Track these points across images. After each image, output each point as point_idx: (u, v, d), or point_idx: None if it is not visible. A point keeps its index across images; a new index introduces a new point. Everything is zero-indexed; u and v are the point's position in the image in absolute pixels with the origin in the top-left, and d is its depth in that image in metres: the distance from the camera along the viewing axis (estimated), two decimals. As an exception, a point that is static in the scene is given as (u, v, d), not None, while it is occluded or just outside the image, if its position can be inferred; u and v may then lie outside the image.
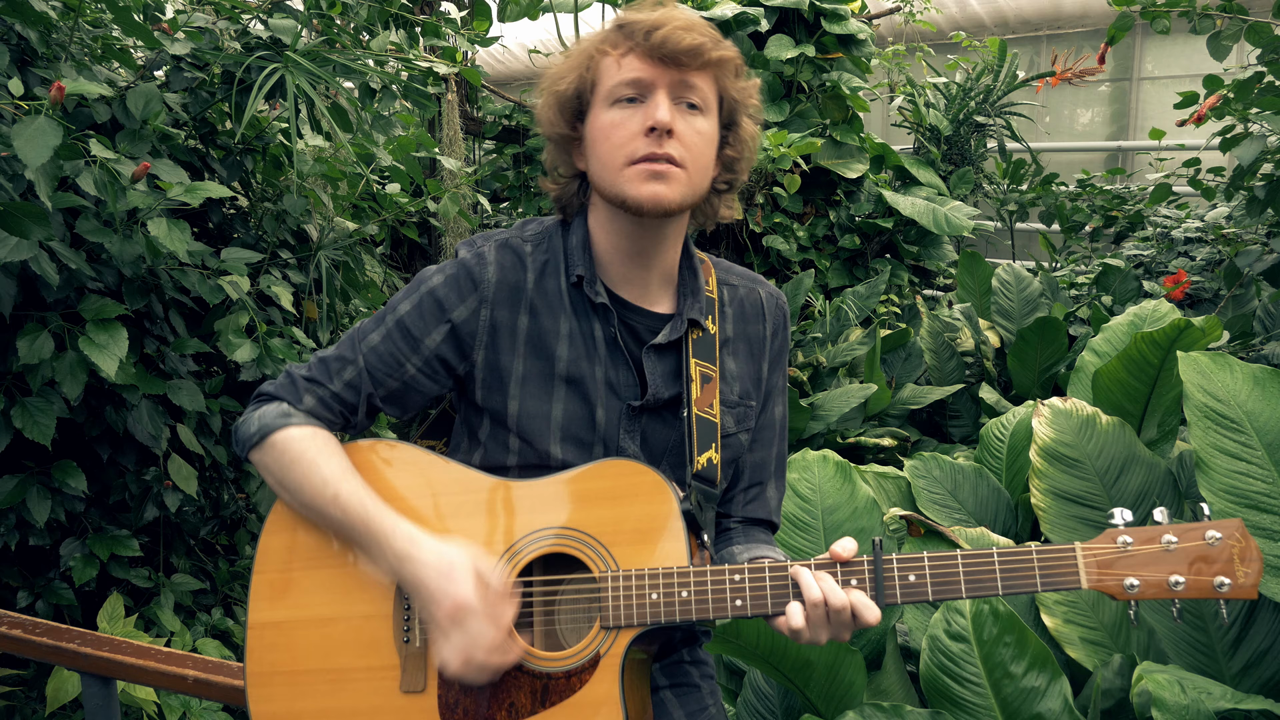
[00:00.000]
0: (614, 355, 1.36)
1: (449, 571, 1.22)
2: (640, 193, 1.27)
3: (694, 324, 1.39)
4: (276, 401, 1.38)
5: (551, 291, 1.37)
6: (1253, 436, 1.89)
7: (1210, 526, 1.17)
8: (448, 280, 1.37)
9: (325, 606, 1.33)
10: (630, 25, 1.28)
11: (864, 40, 5.81)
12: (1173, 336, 2.35)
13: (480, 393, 1.37)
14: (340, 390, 1.37)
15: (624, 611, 1.25)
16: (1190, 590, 1.16)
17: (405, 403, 1.40)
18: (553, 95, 1.34)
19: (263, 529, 1.37)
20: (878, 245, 5.99)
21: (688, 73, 1.27)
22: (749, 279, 1.50)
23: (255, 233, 3.00)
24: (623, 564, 1.26)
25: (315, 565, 1.35)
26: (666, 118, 1.26)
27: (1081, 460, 2.24)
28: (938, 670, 1.85)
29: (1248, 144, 3.09)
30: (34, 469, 2.46)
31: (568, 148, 1.37)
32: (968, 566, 1.20)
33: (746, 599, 1.23)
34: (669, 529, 1.26)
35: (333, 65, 2.61)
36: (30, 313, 2.28)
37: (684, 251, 1.43)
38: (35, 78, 2.28)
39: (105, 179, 2.05)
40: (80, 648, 1.76)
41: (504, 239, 1.40)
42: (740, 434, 1.43)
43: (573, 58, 1.33)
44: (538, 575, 1.32)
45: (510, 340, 1.35)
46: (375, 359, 1.37)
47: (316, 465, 1.31)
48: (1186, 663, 1.89)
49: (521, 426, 1.35)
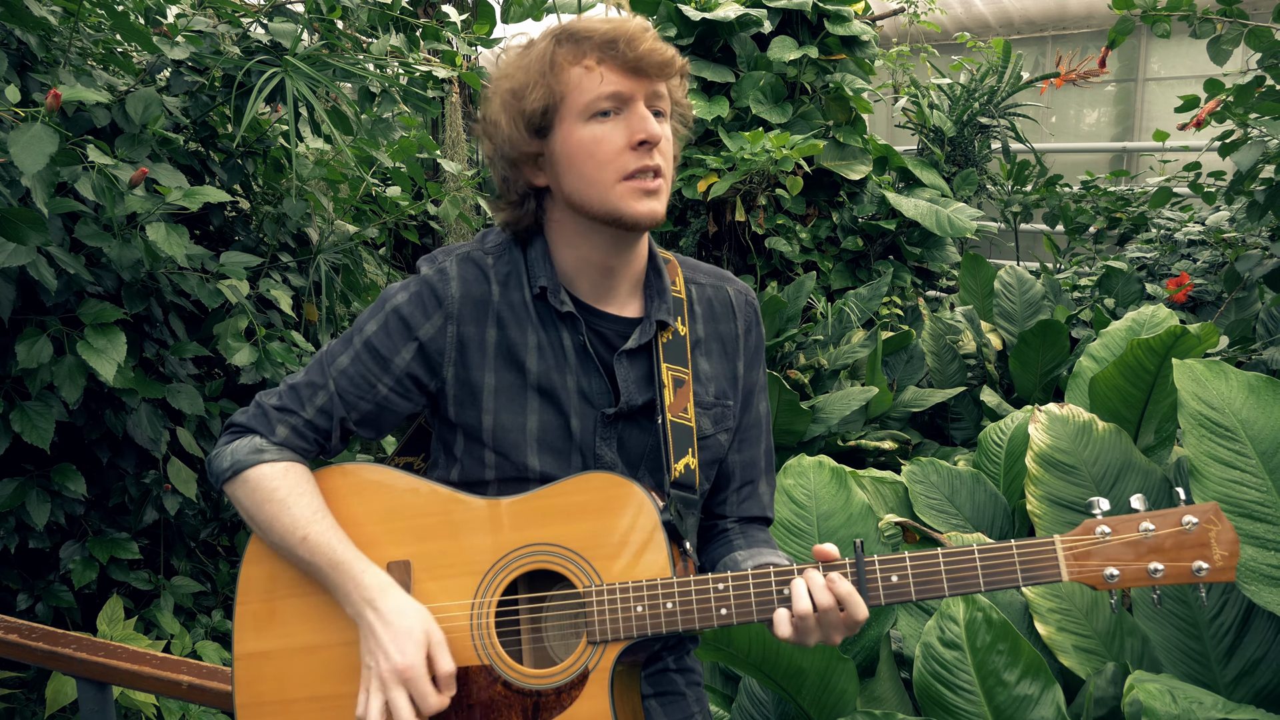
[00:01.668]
0: (585, 363, 1.35)
1: (402, 637, 1.23)
2: (638, 210, 1.27)
3: (663, 326, 1.38)
4: (249, 434, 1.37)
5: (517, 303, 1.35)
6: (1247, 445, 1.88)
7: (1186, 511, 1.17)
8: (412, 298, 1.35)
9: (309, 635, 1.34)
10: (598, 37, 1.26)
11: (867, 41, 5.80)
12: (1169, 343, 2.35)
13: (453, 409, 1.36)
14: (313, 417, 1.37)
15: (610, 625, 1.25)
16: (1169, 576, 1.17)
17: (379, 424, 1.40)
18: (515, 112, 1.30)
19: (243, 559, 1.37)
20: (880, 247, 5.98)
21: (658, 83, 1.28)
22: (716, 276, 1.49)
23: (256, 235, 3.01)
24: (606, 578, 1.27)
25: (297, 593, 1.35)
26: (658, 131, 1.26)
27: (1077, 467, 2.24)
28: (931, 678, 1.85)
29: (1247, 149, 3.08)
30: (34, 472, 2.47)
31: (527, 164, 1.33)
32: (949, 564, 1.20)
33: (731, 608, 1.23)
34: (651, 540, 1.27)
35: (332, 69, 2.62)
36: (29, 317, 2.29)
37: (649, 253, 1.42)
38: (35, 83, 2.29)
39: (103, 184, 2.06)
40: (76, 653, 1.77)
41: (465, 252, 1.39)
42: (719, 434, 1.43)
43: (531, 70, 1.28)
44: (523, 592, 1.33)
45: (480, 354, 1.34)
46: (346, 382, 1.36)
47: (287, 506, 1.31)
48: (1180, 671, 1.89)
49: (497, 440, 1.34)
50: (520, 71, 1.30)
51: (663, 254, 1.45)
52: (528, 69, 1.29)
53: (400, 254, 5.77)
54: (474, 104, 6.62)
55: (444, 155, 5.10)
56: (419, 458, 1.57)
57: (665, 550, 1.26)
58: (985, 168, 7.96)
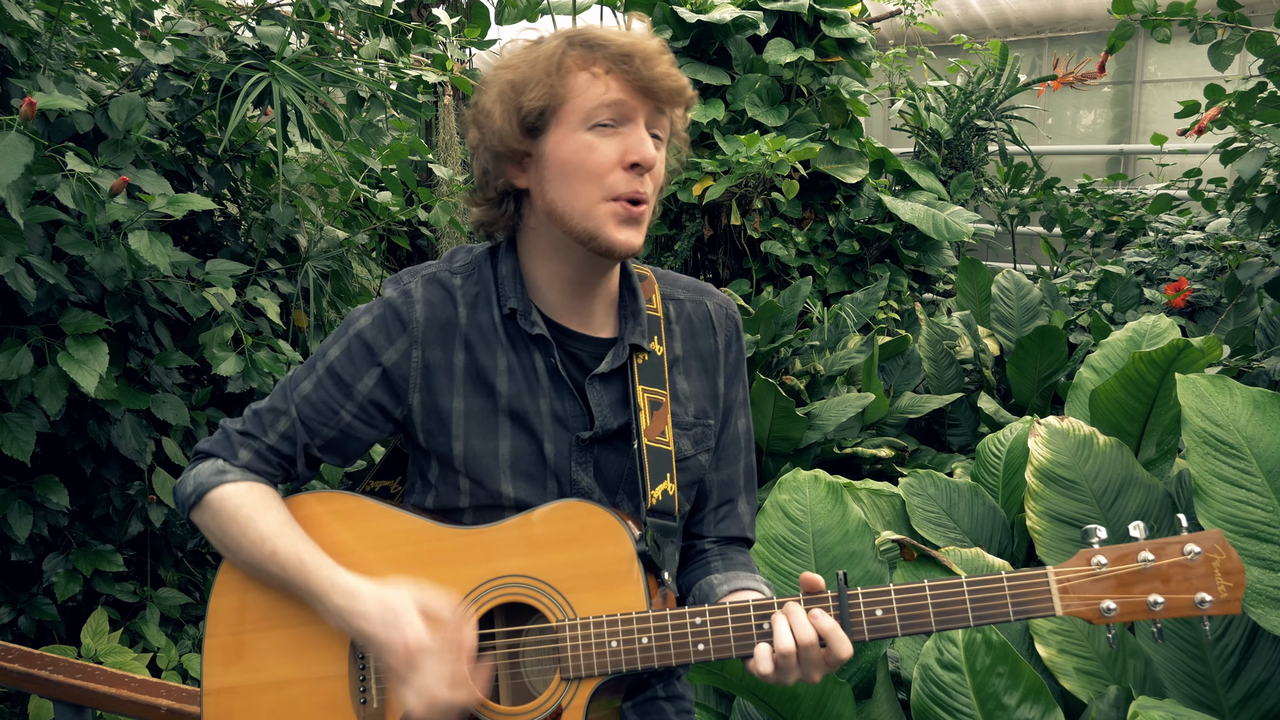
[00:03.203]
0: (557, 386, 1.31)
1: (393, 618, 1.19)
2: (615, 237, 1.22)
3: (636, 350, 1.33)
4: (212, 459, 1.33)
5: (485, 325, 1.31)
6: (1252, 463, 1.84)
7: (1189, 540, 1.12)
8: (375, 321, 1.31)
9: (281, 669, 1.29)
10: (614, 48, 1.21)
11: (864, 44, 5.76)
12: (1172, 356, 2.31)
13: (422, 436, 1.32)
14: (275, 443, 1.32)
15: (584, 661, 1.20)
16: (1170, 610, 1.11)
17: (345, 451, 1.35)
18: (512, 105, 1.24)
19: (211, 590, 1.33)
20: (877, 250, 5.94)
21: (663, 108, 1.24)
22: (695, 290, 1.44)
23: (244, 241, 2.96)
24: (580, 611, 1.22)
25: (267, 626, 1.31)
26: (654, 155, 1.22)
27: (1078, 482, 2.19)
28: (929, 700, 1.81)
29: (1249, 156, 3.04)
30: (15, 484, 2.43)
31: (512, 161, 1.28)
32: (936, 598, 1.15)
33: (709, 643, 1.19)
34: (626, 572, 1.22)
35: (321, 74, 2.57)
36: (10, 326, 2.25)
37: (622, 270, 1.37)
38: (15, 89, 2.24)
39: (84, 193, 2.01)
40: (53, 675, 1.73)
41: (431, 273, 1.34)
42: (699, 455, 1.38)
43: (537, 67, 1.23)
44: (499, 624, 1.28)
45: (447, 380, 1.30)
46: (308, 408, 1.32)
47: (252, 521, 1.27)
48: (1184, 693, 1.85)
49: (470, 467, 1.30)
50: (525, 65, 1.24)
51: (639, 270, 1.40)
52: (533, 64, 1.23)
53: (393, 256, 5.72)
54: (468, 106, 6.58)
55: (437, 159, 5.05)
56: (395, 481, 1.52)
57: (641, 582, 1.22)
58: (982, 170, 7.92)
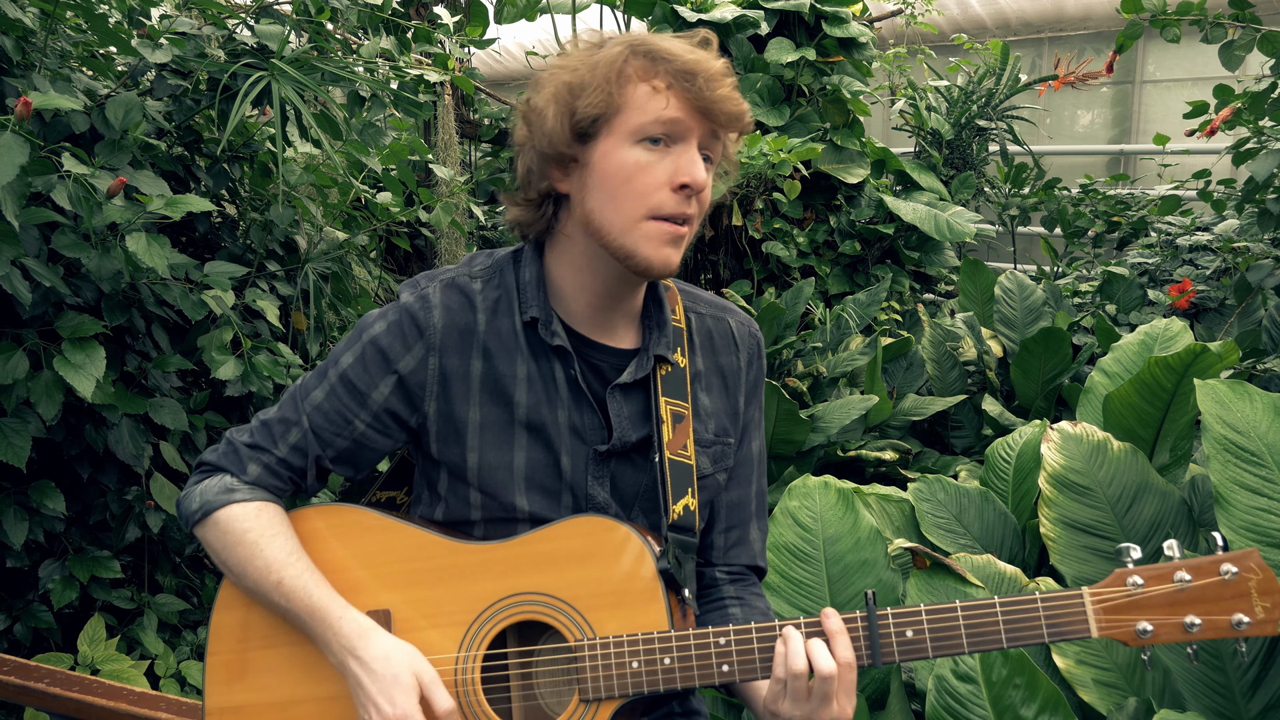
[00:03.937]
0: (576, 397, 1.27)
1: (390, 685, 1.15)
2: (654, 255, 1.18)
3: (661, 361, 1.29)
4: (219, 473, 1.29)
5: (505, 332, 1.26)
6: (1274, 470, 1.81)
7: (1224, 560, 1.09)
8: (390, 328, 1.27)
9: (285, 689, 1.25)
10: (678, 63, 1.16)
11: (865, 43, 5.73)
12: (1188, 361, 2.27)
13: (435, 445, 1.27)
14: (286, 455, 1.28)
15: (604, 682, 1.16)
16: (1207, 631, 1.09)
17: (358, 461, 1.31)
18: (567, 108, 1.19)
19: (214, 605, 1.29)
20: (879, 251, 5.91)
21: (719, 131, 1.20)
22: (717, 307, 1.40)
23: (243, 242, 2.92)
24: (600, 630, 1.18)
25: (272, 644, 1.27)
26: (704, 178, 1.17)
27: (1092, 488, 2.16)
28: (944, 712, 1.77)
29: (1263, 158, 3.01)
30: (10, 490, 2.39)
31: (558, 165, 1.24)
32: (969, 619, 1.12)
33: (734, 664, 1.15)
34: (648, 590, 1.18)
35: (320, 73, 2.53)
36: (5, 330, 2.21)
37: (649, 282, 1.33)
38: (10, 88, 2.20)
39: (80, 194, 1.97)
40: (49, 688, 1.69)
41: (450, 278, 1.30)
42: (718, 474, 1.34)
43: (597, 71, 1.18)
44: (512, 644, 1.24)
45: (464, 388, 1.25)
46: (320, 418, 1.28)
47: (260, 549, 1.23)
48: (1203, 704, 1.82)
49: (482, 479, 1.26)
50: (585, 69, 1.20)
51: (663, 281, 1.36)
52: (593, 69, 1.19)
53: (392, 257, 5.68)
54: (467, 106, 6.54)
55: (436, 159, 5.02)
56: (402, 491, 1.48)
57: (663, 600, 1.18)
58: (983, 170, 7.89)
